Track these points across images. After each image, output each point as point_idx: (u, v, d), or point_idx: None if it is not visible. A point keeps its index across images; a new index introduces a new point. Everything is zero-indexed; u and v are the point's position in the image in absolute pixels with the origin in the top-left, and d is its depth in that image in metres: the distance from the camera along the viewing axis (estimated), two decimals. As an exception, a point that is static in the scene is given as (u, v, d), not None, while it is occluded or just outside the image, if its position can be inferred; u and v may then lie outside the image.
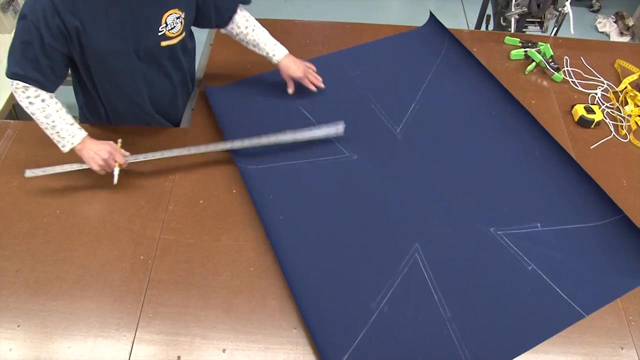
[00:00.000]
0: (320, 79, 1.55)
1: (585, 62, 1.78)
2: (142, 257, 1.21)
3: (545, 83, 1.72)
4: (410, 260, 1.21)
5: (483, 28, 2.46)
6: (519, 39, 1.83)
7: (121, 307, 1.13)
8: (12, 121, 1.49)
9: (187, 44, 1.42)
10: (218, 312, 1.13)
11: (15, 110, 1.88)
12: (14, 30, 1.17)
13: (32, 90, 1.20)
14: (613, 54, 1.82)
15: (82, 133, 1.26)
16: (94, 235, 1.24)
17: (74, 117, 1.30)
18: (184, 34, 1.33)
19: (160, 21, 1.24)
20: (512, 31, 2.07)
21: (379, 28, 1.88)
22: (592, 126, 1.57)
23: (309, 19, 1.93)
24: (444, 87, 1.65)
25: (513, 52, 1.78)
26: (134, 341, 1.08)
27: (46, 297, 1.14)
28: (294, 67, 1.50)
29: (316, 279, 1.16)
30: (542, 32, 2.07)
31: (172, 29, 1.27)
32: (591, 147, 1.52)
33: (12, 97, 1.56)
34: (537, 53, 1.74)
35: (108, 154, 1.25)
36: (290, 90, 1.53)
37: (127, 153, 1.31)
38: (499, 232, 1.28)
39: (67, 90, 1.46)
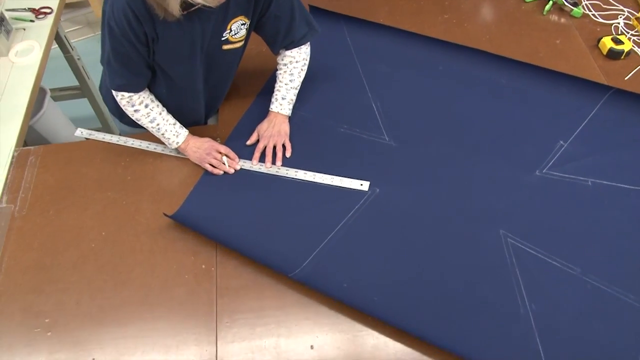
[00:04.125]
0: (275, 161, 1.32)
1: (601, -8, 1.74)
2: (203, 267, 1.16)
3: (564, 20, 1.67)
4: (510, 250, 1.14)
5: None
6: (529, -21, 1.77)
7: (195, 322, 1.09)
8: (32, 147, 1.41)
9: (246, 44, 1.34)
10: (296, 309, 1.09)
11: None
12: (101, 43, 1.19)
13: (136, 98, 1.24)
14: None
15: (185, 132, 1.32)
16: (148, 251, 1.19)
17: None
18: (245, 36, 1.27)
19: (226, 27, 1.20)
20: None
21: None
22: (623, 57, 1.53)
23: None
24: (379, 71, 1.54)
25: (527, -7, 1.73)
26: (217, 354, 1.04)
27: (115, 325, 1.09)
28: (267, 126, 1.35)
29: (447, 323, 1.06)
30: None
31: (235, 34, 1.22)
32: (625, 79, 1.49)
33: (25, 123, 1.46)
34: (552, -9, 1.69)
35: (210, 147, 1.31)
36: (248, 142, 1.37)
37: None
38: (544, 171, 1.29)
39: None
